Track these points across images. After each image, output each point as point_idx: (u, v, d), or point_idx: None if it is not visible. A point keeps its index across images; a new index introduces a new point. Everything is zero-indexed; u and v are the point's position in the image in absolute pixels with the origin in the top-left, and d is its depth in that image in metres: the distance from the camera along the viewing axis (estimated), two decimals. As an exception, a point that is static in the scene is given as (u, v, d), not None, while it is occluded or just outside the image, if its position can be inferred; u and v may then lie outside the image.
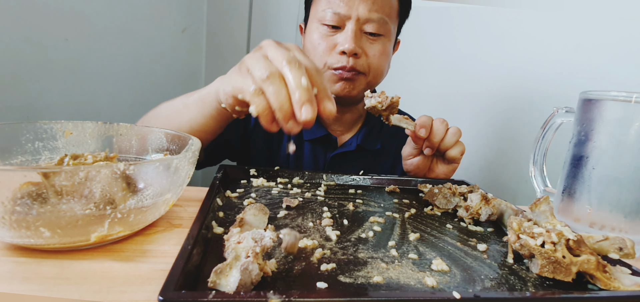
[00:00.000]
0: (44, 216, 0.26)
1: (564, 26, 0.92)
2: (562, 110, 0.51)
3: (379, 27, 0.64)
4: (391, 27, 0.67)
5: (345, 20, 0.63)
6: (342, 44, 0.62)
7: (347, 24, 0.63)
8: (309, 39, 0.67)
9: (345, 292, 0.26)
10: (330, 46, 0.64)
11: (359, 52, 0.63)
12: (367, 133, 0.75)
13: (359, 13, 0.62)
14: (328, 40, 0.64)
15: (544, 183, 0.53)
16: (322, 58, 0.65)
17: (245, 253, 0.26)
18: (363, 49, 0.64)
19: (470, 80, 1.11)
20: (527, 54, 0.99)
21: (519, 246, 0.33)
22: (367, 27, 0.63)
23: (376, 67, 0.66)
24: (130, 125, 0.44)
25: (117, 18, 1.17)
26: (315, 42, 0.65)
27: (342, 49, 0.62)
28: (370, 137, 0.76)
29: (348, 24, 0.63)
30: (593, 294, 0.29)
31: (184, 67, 1.48)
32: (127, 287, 0.26)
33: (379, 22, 0.63)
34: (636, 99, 0.40)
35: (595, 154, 0.43)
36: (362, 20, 0.63)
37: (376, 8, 0.63)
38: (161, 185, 0.32)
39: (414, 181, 0.58)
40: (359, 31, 0.63)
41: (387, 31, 0.66)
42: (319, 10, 0.65)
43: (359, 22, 0.63)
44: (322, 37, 0.65)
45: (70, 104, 1.08)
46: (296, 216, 0.41)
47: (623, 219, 0.41)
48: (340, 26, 0.64)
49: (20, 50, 0.94)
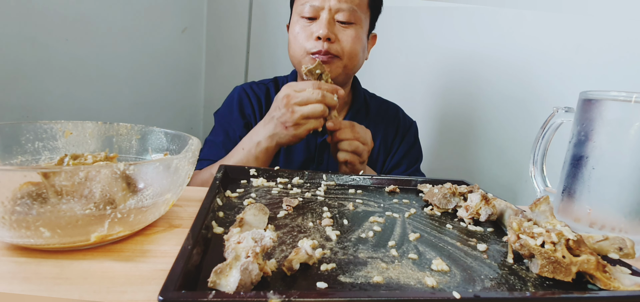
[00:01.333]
0: (44, 216, 0.26)
1: (564, 26, 0.92)
2: (562, 110, 0.51)
3: (350, 16, 0.73)
4: (361, 16, 0.75)
5: (320, 11, 0.73)
6: (316, 30, 0.72)
7: (321, 14, 0.73)
8: (292, 31, 0.77)
9: (345, 292, 0.26)
10: (308, 35, 0.74)
11: (332, 37, 0.72)
12: (352, 116, 0.84)
13: (330, 4, 0.72)
14: (306, 29, 0.74)
15: (544, 183, 0.53)
16: (301, 45, 0.74)
17: (245, 253, 0.26)
18: (336, 35, 0.73)
19: (470, 80, 1.11)
20: (527, 54, 0.99)
21: (519, 246, 0.33)
22: (338, 16, 0.73)
23: (349, 51, 0.74)
24: (130, 125, 0.44)
25: (117, 18, 1.17)
26: (296, 33, 0.75)
27: (317, 35, 0.71)
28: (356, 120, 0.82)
29: (322, 14, 0.73)
30: (593, 294, 0.29)
31: (184, 67, 1.48)
32: (127, 287, 0.26)
33: (350, 11, 0.73)
34: (636, 99, 0.40)
35: (595, 154, 0.43)
36: (334, 10, 0.72)
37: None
38: (161, 185, 0.32)
39: (414, 181, 0.58)
40: (331, 19, 0.73)
41: (357, 19, 0.74)
42: (298, 6, 0.75)
43: (331, 11, 0.72)
44: (302, 28, 0.75)
45: (70, 104, 1.08)
46: (296, 216, 0.41)
47: (623, 219, 0.41)
48: (316, 17, 0.73)
49: (20, 50, 0.94)
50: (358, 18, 0.74)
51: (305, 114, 0.62)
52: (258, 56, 1.53)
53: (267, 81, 0.88)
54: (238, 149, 0.68)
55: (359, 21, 0.74)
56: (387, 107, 0.91)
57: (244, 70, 1.53)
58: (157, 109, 1.38)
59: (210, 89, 1.56)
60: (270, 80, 0.88)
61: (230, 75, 1.52)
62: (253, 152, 0.66)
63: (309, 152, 0.81)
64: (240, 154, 0.67)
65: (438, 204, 0.48)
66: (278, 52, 1.46)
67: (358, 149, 0.66)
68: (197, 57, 1.53)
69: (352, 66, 0.76)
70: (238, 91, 0.86)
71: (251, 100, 0.84)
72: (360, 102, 0.86)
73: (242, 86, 0.87)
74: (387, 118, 0.89)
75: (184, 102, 1.51)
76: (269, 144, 0.65)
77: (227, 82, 1.36)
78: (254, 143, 0.66)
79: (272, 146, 0.65)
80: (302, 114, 0.62)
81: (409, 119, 0.92)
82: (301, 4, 0.74)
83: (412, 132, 0.90)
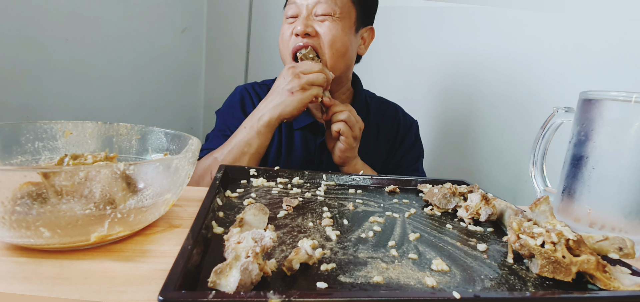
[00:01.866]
0: (44, 216, 0.26)
1: (564, 26, 0.92)
2: (562, 110, 0.51)
3: (327, 8, 0.75)
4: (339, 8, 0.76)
5: (301, 10, 0.76)
6: (294, 28, 0.75)
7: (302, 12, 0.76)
8: (281, 32, 0.80)
9: (345, 292, 0.26)
10: (291, 33, 0.76)
11: (311, 32, 0.74)
12: None
13: (307, 2, 0.75)
14: (290, 28, 0.77)
15: (544, 183, 0.53)
16: (287, 44, 0.77)
17: (245, 253, 0.26)
18: (314, 29, 0.75)
19: (470, 80, 1.11)
20: (527, 54, 0.99)
21: (519, 246, 0.33)
22: (317, 10, 0.75)
23: (328, 42, 0.75)
24: (130, 125, 0.44)
25: (117, 18, 1.17)
26: (282, 33, 0.79)
27: (295, 32, 0.74)
28: None
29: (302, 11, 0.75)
30: (593, 294, 0.29)
31: (184, 67, 1.48)
32: (127, 287, 0.26)
33: (326, 4, 0.74)
34: (636, 99, 0.40)
35: (595, 154, 0.43)
36: (311, 6, 0.75)
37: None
38: (161, 185, 0.32)
39: (414, 181, 0.58)
40: (309, 15, 0.75)
41: (334, 12, 0.75)
42: (285, 9, 0.79)
43: (308, 8, 0.75)
44: (286, 28, 0.78)
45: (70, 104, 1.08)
46: (296, 216, 0.41)
47: (623, 219, 0.41)
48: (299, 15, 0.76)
49: (20, 50, 0.94)
50: (334, 10, 0.75)
51: (311, 80, 0.67)
52: (258, 56, 1.53)
53: (268, 81, 0.89)
54: (240, 129, 0.69)
55: (339, 13, 0.75)
56: (388, 107, 0.91)
57: (244, 70, 1.53)
58: (157, 109, 1.38)
59: (210, 89, 1.56)
60: (271, 81, 0.88)
61: (230, 75, 1.52)
62: (255, 127, 0.67)
63: (309, 153, 0.81)
64: (242, 133, 0.68)
65: (438, 204, 0.48)
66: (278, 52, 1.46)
67: (350, 120, 0.69)
68: (197, 57, 1.53)
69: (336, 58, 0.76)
70: (240, 90, 0.86)
71: (253, 99, 0.84)
72: (361, 103, 0.86)
73: (244, 86, 0.88)
74: (387, 118, 0.89)
75: (184, 102, 1.51)
76: (272, 116, 0.67)
77: (227, 82, 1.36)
78: (256, 119, 0.68)
79: (274, 118, 0.67)
80: (308, 80, 0.67)
81: (409, 118, 0.92)
82: (286, 7, 0.79)
83: (413, 132, 0.90)
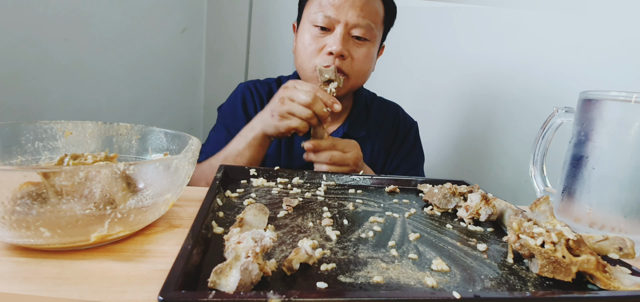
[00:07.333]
0: (44, 216, 0.26)
1: (564, 26, 0.92)
2: (562, 110, 0.51)
3: (366, 32, 0.69)
4: (377, 33, 0.72)
5: (335, 24, 0.68)
6: (330, 45, 0.68)
7: (336, 28, 0.68)
8: (301, 39, 0.72)
9: (345, 292, 0.26)
10: (319, 47, 0.70)
11: (345, 54, 0.68)
12: (352, 122, 0.82)
13: (348, 18, 0.67)
14: (318, 41, 0.70)
15: (544, 183, 0.53)
16: (310, 58, 0.70)
17: (245, 253, 0.26)
18: (349, 52, 0.69)
19: (470, 80, 1.11)
20: (527, 54, 0.99)
21: (519, 246, 0.33)
22: (354, 31, 0.69)
23: (359, 70, 0.71)
24: (130, 125, 0.44)
25: (117, 18, 1.17)
26: (306, 43, 0.71)
27: (330, 50, 0.67)
28: (355, 126, 0.82)
29: (337, 28, 0.68)
30: (593, 294, 0.29)
31: (184, 67, 1.47)
32: (127, 287, 0.26)
33: (366, 28, 0.69)
34: (636, 99, 0.40)
35: (595, 154, 0.43)
36: (351, 25, 0.68)
37: (364, 14, 0.68)
38: (161, 185, 0.32)
39: (413, 181, 0.58)
40: (347, 34, 0.69)
41: (372, 36, 0.71)
42: (311, 12, 0.70)
43: (347, 26, 0.68)
44: (313, 38, 0.70)
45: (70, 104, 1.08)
46: (296, 216, 0.41)
47: (623, 219, 0.41)
48: (330, 29, 0.69)
49: (20, 50, 0.94)
50: (373, 35, 0.71)
51: (291, 110, 0.61)
52: (258, 56, 1.53)
53: (271, 80, 0.88)
54: (236, 137, 0.68)
55: (373, 38, 0.71)
56: (387, 107, 0.90)
57: (244, 71, 1.53)
58: (157, 109, 1.38)
59: (210, 89, 1.56)
60: (273, 80, 0.88)
61: (230, 75, 1.52)
62: (247, 138, 0.66)
63: None
64: (236, 142, 0.67)
65: (438, 204, 0.48)
66: (278, 52, 1.46)
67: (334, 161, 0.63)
68: (197, 57, 1.52)
69: (357, 84, 0.75)
70: (242, 89, 0.85)
71: (254, 98, 0.83)
72: (360, 107, 0.84)
73: (246, 83, 0.87)
74: (386, 120, 0.88)
75: (184, 102, 1.51)
76: (257, 132, 0.65)
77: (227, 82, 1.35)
78: (249, 128, 0.67)
79: (259, 134, 0.65)
80: (289, 109, 0.61)
81: (409, 119, 0.91)
82: (314, 12, 0.69)
83: (412, 134, 0.89)
